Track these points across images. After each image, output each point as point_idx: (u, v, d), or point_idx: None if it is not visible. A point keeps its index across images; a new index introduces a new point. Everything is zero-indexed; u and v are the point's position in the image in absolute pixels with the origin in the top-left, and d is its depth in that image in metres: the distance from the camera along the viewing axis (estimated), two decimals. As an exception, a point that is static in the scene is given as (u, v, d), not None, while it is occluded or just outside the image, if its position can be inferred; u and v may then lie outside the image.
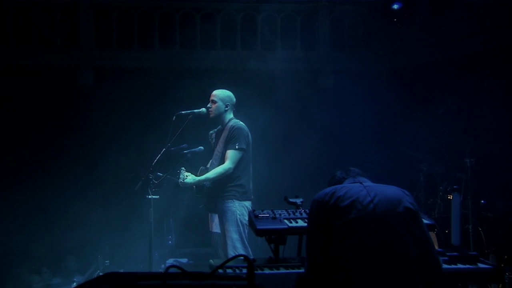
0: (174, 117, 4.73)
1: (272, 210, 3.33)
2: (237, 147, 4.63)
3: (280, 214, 3.29)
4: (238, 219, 4.58)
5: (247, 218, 4.59)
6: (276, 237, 3.21)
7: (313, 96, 8.03)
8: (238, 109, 4.98)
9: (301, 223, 3.22)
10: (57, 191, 7.48)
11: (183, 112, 4.80)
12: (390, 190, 2.67)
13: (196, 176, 4.69)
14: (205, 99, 4.96)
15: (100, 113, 7.82)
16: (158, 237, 5.83)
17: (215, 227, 4.86)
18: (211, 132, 5.05)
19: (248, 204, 4.67)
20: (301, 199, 3.52)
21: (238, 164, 4.65)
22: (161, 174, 4.72)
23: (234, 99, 4.89)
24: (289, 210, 3.36)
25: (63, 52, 8.14)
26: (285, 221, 3.23)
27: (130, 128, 7.74)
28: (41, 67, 8.01)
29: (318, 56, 8.55)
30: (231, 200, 4.62)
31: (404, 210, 2.58)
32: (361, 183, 2.72)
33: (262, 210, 3.32)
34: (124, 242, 6.81)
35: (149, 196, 4.64)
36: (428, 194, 6.55)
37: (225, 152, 4.68)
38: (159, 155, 4.67)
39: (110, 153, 7.42)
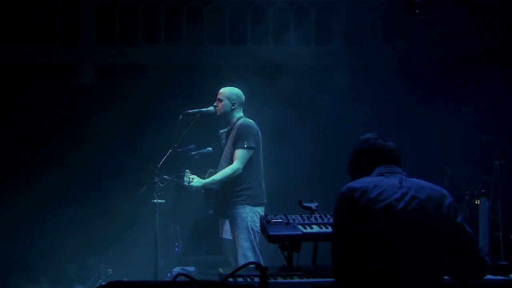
0: (181, 116, 4.75)
1: (285, 215, 3.33)
2: (245, 145, 4.63)
3: (294, 220, 3.29)
4: (249, 226, 4.58)
5: (258, 225, 4.59)
6: (289, 244, 3.20)
7: (328, 94, 8.01)
8: (247, 107, 4.99)
9: (316, 229, 3.22)
10: (56, 195, 7.50)
11: (190, 111, 4.83)
12: (428, 191, 2.57)
13: (203, 179, 4.70)
14: (214, 96, 4.98)
15: (102, 113, 7.83)
16: (164, 244, 5.84)
17: (226, 234, 4.87)
18: (221, 131, 5.06)
19: (260, 209, 4.67)
20: (316, 204, 3.51)
21: (247, 164, 4.65)
22: (167, 177, 4.75)
23: (243, 97, 4.90)
24: (304, 215, 3.36)
25: (62, 48, 8.19)
26: (299, 226, 3.22)
27: (134, 128, 7.76)
28: (39, 64, 8.05)
29: (334, 51, 8.53)
30: (241, 206, 4.62)
31: (443, 216, 2.53)
32: (396, 175, 2.59)
33: (275, 215, 3.32)
34: (128, 249, 6.83)
35: (155, 201, 4.67)
36: (453, 199, 6.49)
37: (234, 152, 4.68)
38: (165, 156, 4.69)
39: (113, 155, 7.46)
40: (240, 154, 4.64)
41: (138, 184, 4.97)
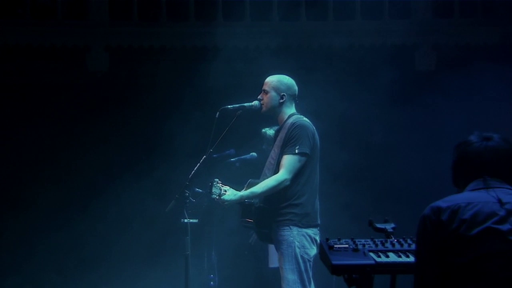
0: (218, 113, 4.81)
1: (352, 239, 3.34)
2: (296, 151, 4.64)
3: (363, 245, 3.29)
4: (296, 253, 4.60)
5: (309, 252, 4.63)
6: (359, 276, 3.23)
7: (408, 82, 7.97)
8: (300, 101, 5.00)
9: (393, 257, 3.21)
10: (61, 212, 7.67)
11: (229, 106, 4.88)
12: None
13: (239, 191, 4.73)
14: (258, 87, 5.04)
15: (117, 107, 7.97)
16: (197, 275, 5.93)
17: (274, 262, 4.92)
18: (264, 130, 5.10)
19: (311, 232, 4.69)
20: (392, 225, 3.51)
21: (298, 174, 4.67)
22: (201, 190, 4.83)
23: (295, 87, 4.90)
24: (377, 240, 3.37)
25: (67, 28, 8.27)
26: (371, 254, 3.22)
27: (156, 127, 7.87)
28: (39, 48, 8.12)
29: (415, 26, 8.45)
30: (287, 227, 4.64)
31: None
32: (496, 189, 2.60)
33: (339, 239, 3.34)
34: (151, 282, 6.94)
35: (185, 220, 4.74)
36: None
37: (281, 158, 4.72)
38: (198, 164, 4.77)
39: (130, 161, 7.59)
40: (288, 161, 4.66)
41: (163, 199, 5.06)
